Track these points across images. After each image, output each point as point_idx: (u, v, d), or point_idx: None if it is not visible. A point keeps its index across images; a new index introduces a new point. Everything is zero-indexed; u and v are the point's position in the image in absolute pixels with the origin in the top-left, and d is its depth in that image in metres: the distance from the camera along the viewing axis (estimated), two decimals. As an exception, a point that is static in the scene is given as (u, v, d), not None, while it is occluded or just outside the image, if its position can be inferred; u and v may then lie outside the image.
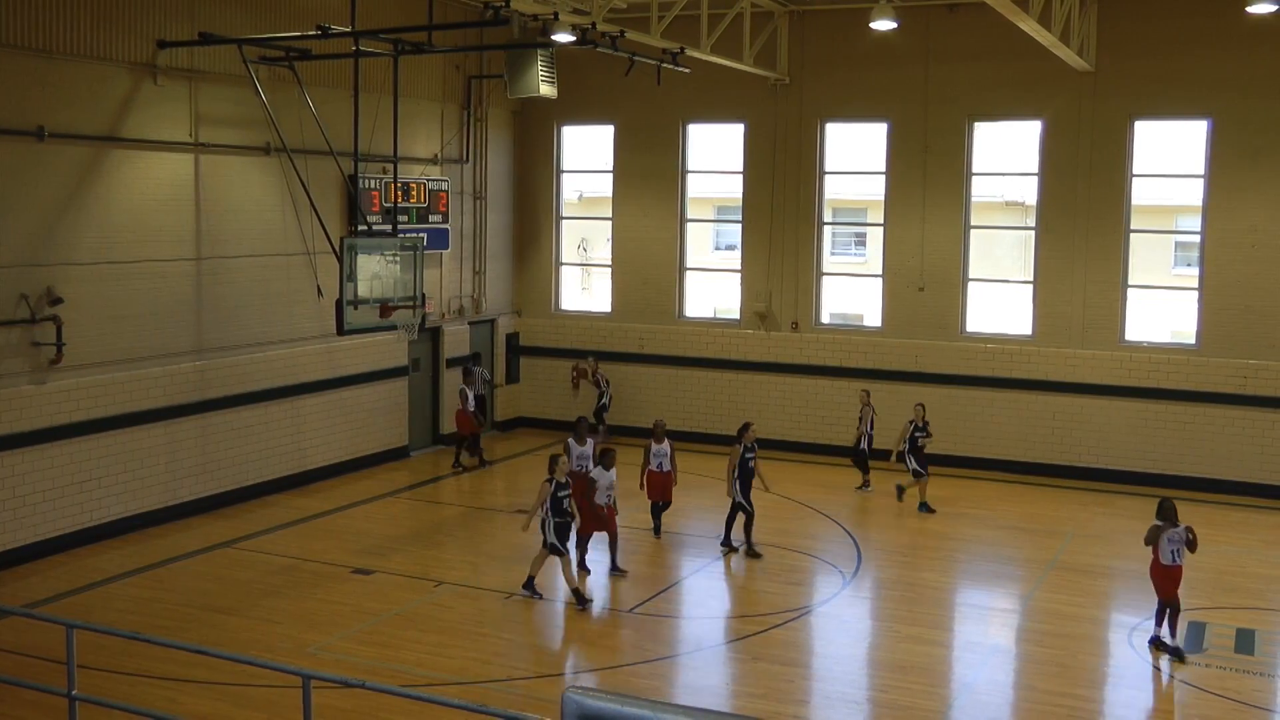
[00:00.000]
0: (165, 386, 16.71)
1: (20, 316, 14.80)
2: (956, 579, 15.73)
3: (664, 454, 16.25)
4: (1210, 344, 19.59)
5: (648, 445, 16.41)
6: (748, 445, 15.83)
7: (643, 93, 20.47)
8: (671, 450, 16.37)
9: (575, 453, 15.72)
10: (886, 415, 19.94)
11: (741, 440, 15.85)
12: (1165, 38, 19.46)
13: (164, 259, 16.68)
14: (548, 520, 13.75)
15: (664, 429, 16.67)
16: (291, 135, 17.64)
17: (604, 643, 13.21)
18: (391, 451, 20.91)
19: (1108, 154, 19.97)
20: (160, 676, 11.47)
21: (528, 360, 24.07)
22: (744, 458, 15.75)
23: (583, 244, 26.51)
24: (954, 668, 12.74)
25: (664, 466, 16.24)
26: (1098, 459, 20.20)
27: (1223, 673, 12.24)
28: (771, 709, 11.27)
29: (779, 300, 22.27)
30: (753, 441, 15.96)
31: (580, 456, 15.75)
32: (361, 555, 15.63)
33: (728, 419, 21.09)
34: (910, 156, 21.21)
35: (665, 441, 16.37)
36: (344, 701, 10.77)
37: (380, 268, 16.12)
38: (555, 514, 13.73)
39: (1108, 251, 20.07)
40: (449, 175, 21.93)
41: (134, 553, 15.49)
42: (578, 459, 15.66)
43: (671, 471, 16.37)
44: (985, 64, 20.49)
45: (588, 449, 15.94)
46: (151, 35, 16.24)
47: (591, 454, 15.78)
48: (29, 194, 14.92)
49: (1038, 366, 20.54)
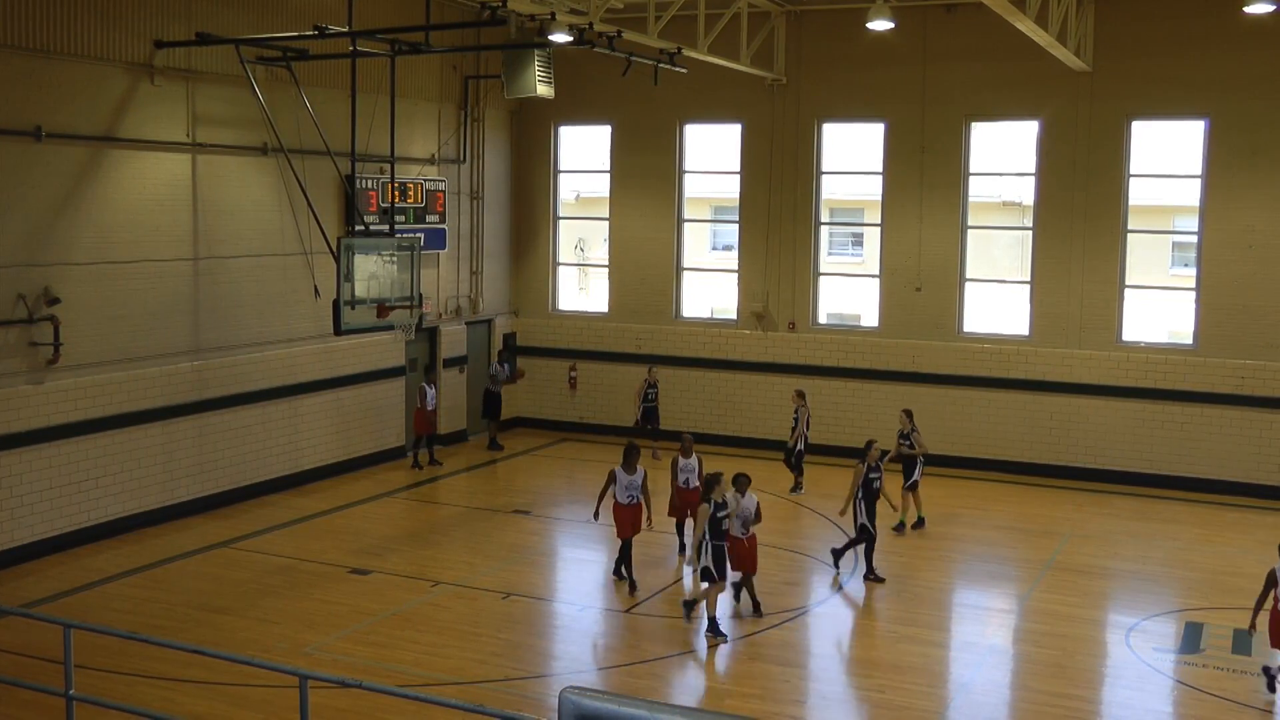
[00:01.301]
0: (162, 386, 16.70)
1: (18, 316, 14.79)
2: (953, 579, 15.73)
3: (691, 469, 15.32)
4: (1207, 344, 19.61)
5: (674, 459, 15.67)
6: (872, 464, 14.94)
7: (640, 93, 20.47)
8: (700, 465, 15.39)
9: (624, 482, 14.52)
10: (884, 415, 19.93)
11: (865, 459, 14.94)
12: (1162, 38, 19.49)
13: (161, 259, 16.68)
14: (705, 544, 12.96)
15: (692, 443, 15.74)
16: (289, 135, 17.63)
17: (602, 643, 13.22)
18: (389, 452, 20.91)
19: (1105, 154, 19.99)
20: (157, 676, 11.47)
21: (525, 360, 24.06)
22: (868, 478, 14.86)
23: (580, 244, 26.51)
24: (951, 668, 12.74)
25: (691, 483, 15.18)
26: (1095, 459, 20.22)
27: (1219, 673, 12.25)
28: (769, 709, 11.27)
29: (776, 300, 22.28)
30: (877, 460, 15.06)
31: (629, 487, 14.51)
32: (359, 555, 15.63)
33: (725, 419, 21.10)
34: (907, 157, 21.22)
35: (694, 456, 15.49)
36: (341, 702, 10.77)
37: (377, 268, 16.13)
38: (713, 537, 12.95)
39: (1105, 252, 20.08)
40: (446, 175, 21.93)
41: (131, 553, 15.49)
42: (626, 488, 14.51)
43: (700, 488, 14.94)
44: (982, 64, 20.50)
45: (638, 478, 14.59)
46: (149, 35, 16.23)
47: (643, 483, 14.64)
48: (26, 194, 14.90)
49: (1035, 367, 20.56)
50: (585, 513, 18.20)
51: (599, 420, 23.47)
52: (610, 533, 15.16)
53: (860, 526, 14.93)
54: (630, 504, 14.52)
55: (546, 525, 17.86)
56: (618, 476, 14.58)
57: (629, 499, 14.53)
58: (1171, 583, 15.41)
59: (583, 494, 19.40)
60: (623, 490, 14.52)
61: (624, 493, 14.51)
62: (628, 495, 14.52)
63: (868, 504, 14.87)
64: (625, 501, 14.50)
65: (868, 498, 14.89)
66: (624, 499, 14.50)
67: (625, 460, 14.67)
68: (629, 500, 14.53)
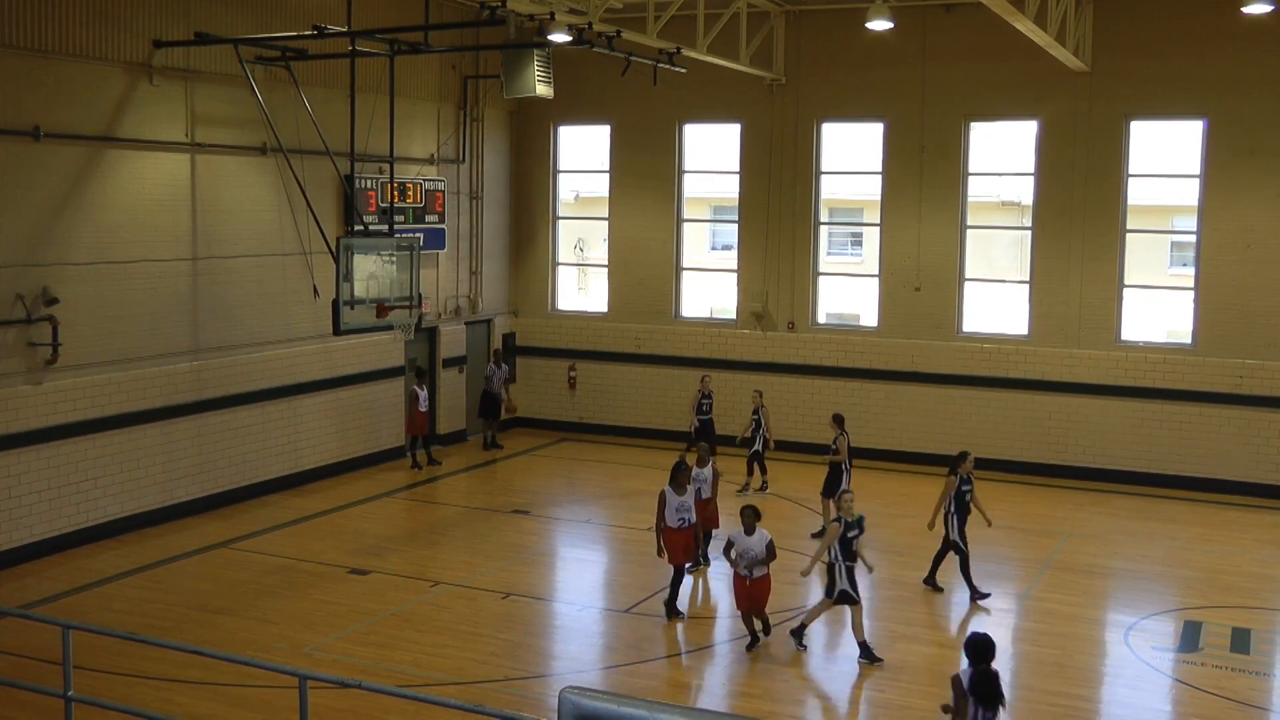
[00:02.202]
0: (162, 387, 16.69)
1: (16, 317, 14.78)
2: (952, 578, 15.72)
3: (704, 479, 14.90)
4: (1206, 344, 19.62)
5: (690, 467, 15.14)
6: (964, 476, 14.26)
7: (639, 93, 20.47)
8: (715, 475, 15.07)
9: (674, 504, 13.56)
10: (882, 415, 19.90)
11: (958, 470, 14.24)
12: (1161, 38, 19.49)
13: (160, 259, 16.67)
14: (838, 565, 12.26)
15: (708, 451, 15.42)
16: (288, 135, 17.62)
17: (601, 642, 13.22)
18: (388, 452, 20.90)
19: (1104, 154, 20.00)
20: (156, 677, 11.47)
21: (524, 360, 24.07)
22: (960, 490, 14.23)
23: (579, 244, 26.51)
24: (950, 667, 12.72)
25: (704, 493, 14.82)
26: (1094, 459, 20.22)
27: (1218, 672, 12.25)
28: (767, 709, 11.28)
29: (775, 300, 22.28)
30: (969, 472, 14.32)
31: (680, 509, 13.60)
32: (358, 555, 15.63)
33: (723, 419, 21.09)
34: (907, 156, 21.22)
35: (709, 466, 15.08)
36: (340, 702, 10.77)
37: (377, 268, 16.13)
38: (845, 558, 12.26)
39: (1104, 251, 20.09)
40: (445, 175, 21.93)
41: (130, 553, 15.48)
42: (677, 511, 13.60)
43: (712, 499, 15.03)
44: (981, 64, 20.50)
45: (689, 498, 13.76)
46: (147, 35, 16.22)
47: (693, 505, 13.82)
48: (24, 194, 14.90)
49: (1034, 366, 20.57)
50: (584, 512, 18.24)
51: (598, 420, 23.47)
52: (609, 532, 15.15)
53: (951, 542, 14.24)
54: (681, 528, 13.53)
55: (546, 525, 17.86)
56: (667, 499, 13.54)
57: (680, 522, 13.52)
58: (1170, 582, 15.42)
59: (582, 494, 19.42)
60: (673, 513, 13.52)
61: (674, 515, 13.52)
62: (679, 518, 13.53)
63: (960, 518, 14.21)
64: (676, 525, 13.49)
65: (960, 511, 14.20)
66: (674, 522, 13.49)
67: (674, 479, 13.68)
68: (680, 524, 13.52)
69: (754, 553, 12.39)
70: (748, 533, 12.47)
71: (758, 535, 12.45)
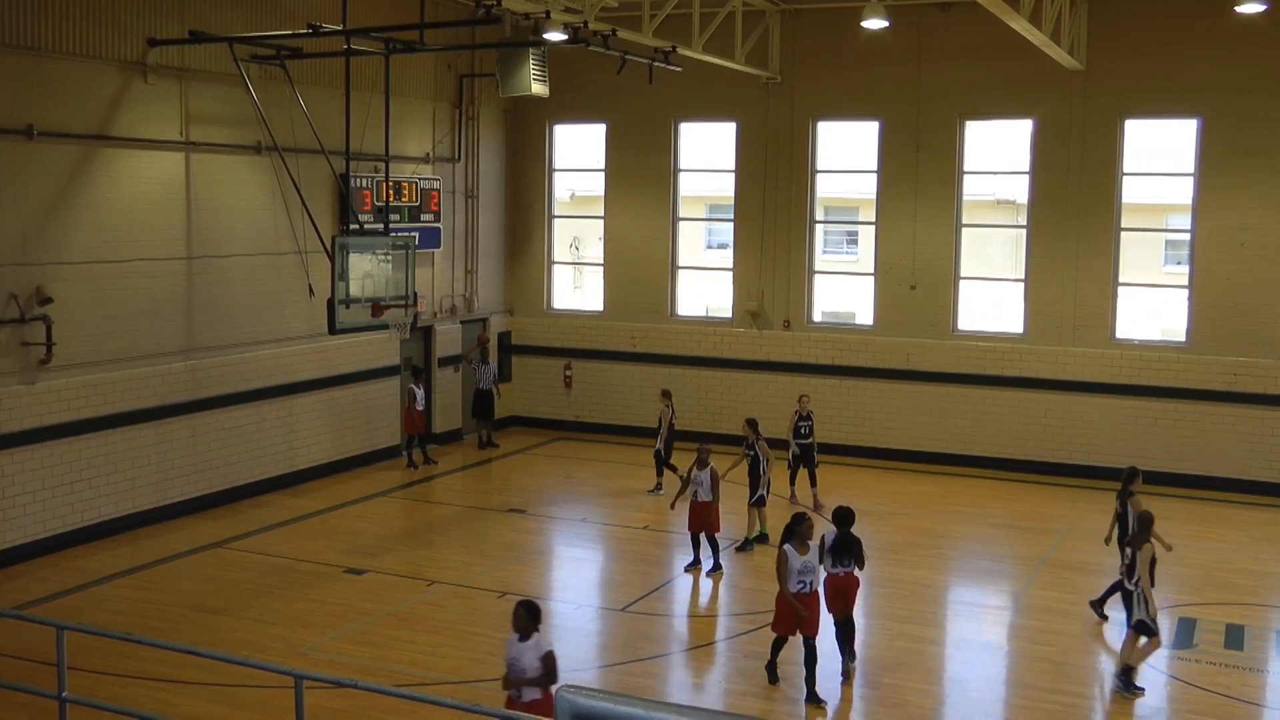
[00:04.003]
0: (156, 386, 16.66)
1: (9, 316, 14.75)
2: (949, 576, 15.75)
3: (701, 482, 14.72)
4: (1200, 342, 19.65)
5: (690, 469, 15.14)
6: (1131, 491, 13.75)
7: (634, 91, 20.46)
8: (714, 479, 14.81)
9: (795, 565, 11.29)
10: (877, 413, 19.91)
11: (1132, 484, 13.83)
12: (1155, 37, 19.52)
13: (154, 258, 16.64)
14: (1137, 594, 11.48)
15: (709, 453, 15.14)
16: (283, 134, 17.60)
17: (597, 641, 13.21)
18: (383, 451, 20.88)
19: (1098, 152, 20.02)
20: (152, 678, 11.45)
21: (520, 359, 24.06)
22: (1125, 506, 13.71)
23: (575, 243, 26.50)
24: (946, 665, 12.77)
25: (700, 496, 14.72)
26: (1089, 456, 20.25)
27: (1212, 668, 12.28)
28: (765, 707, 11.28)
29: (771, 299, 22.28)
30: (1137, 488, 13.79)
31: (804, 570, 11.32)
32: (354, 555, 15.61)
33: (720, 418, 21.09)
34: (902, 155, 21.24)
35: (709, 469, 14.83)
36: (337, 702, 10.76)
37: (372, 267, 16.12)
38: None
39: (1098, 249, 20.12)
40: (441, 174, 21.91)
41: (125, 553, 15.46)
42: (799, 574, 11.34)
43: (713, 501, 14.77)
44: (976, 63, 20.52)
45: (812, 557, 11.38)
46: (142, 33, 16.19)
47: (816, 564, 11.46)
48: (18, 193, 14.87)
49: (1029, 364, 20.59)
50: (580, 511, 18.22)
51: (594, 419, 23.46)
52: (606, 531, 15.14)
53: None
54: (800, 592, 11.29)
55: (542, 524, 17.85)
56: (790, 559, 11.27)
57: (800, 585, 11.27)
58: (1164, 578, 15.34)
59: (578, 493, 19.41)
60: (793, 576, 11.27)
61: (794, 580, 11.28)
62: (799, 581, 11.27)
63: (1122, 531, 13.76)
64: (796, 589, 11.29)
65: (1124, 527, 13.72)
66: (794, 585, 11.28)
67: (793, 535, 11.29)
68: (800, 588, 11.29)
69: (811, 563, 11.32)
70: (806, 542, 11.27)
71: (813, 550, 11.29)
